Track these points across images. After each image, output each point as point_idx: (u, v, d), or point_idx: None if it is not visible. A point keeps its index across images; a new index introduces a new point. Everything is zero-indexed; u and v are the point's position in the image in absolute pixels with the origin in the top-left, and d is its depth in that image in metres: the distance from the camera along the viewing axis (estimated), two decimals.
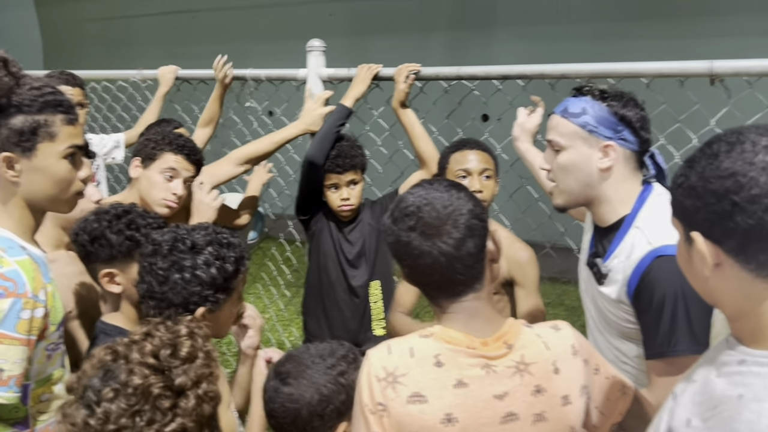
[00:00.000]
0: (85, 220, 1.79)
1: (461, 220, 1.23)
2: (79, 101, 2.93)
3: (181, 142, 2.26)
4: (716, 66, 1.97)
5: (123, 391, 1.05)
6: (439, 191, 1.26)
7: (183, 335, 1.15)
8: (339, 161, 2.50)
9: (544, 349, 1.28)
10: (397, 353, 1.25)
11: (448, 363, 1.23)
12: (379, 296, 2.62)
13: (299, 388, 1.46)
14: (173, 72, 3.15)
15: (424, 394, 1.21)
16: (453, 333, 1.26)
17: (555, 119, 1.70)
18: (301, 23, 7.72)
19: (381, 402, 1.22)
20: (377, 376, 1.23)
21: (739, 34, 5.41)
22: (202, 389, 1.11)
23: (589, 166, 1.64)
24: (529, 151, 2.24)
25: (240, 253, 1.55)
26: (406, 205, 1.26)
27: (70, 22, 9.94)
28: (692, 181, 0.99)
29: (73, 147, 1.50)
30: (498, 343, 1.26)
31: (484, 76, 2.38)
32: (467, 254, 1.22)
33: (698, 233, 0.98)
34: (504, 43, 6.96)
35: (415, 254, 1.23)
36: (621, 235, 1.64)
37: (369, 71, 2.59)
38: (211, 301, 1.49)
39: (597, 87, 1.66)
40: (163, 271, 1.48)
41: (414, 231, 1.23)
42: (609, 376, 1.39)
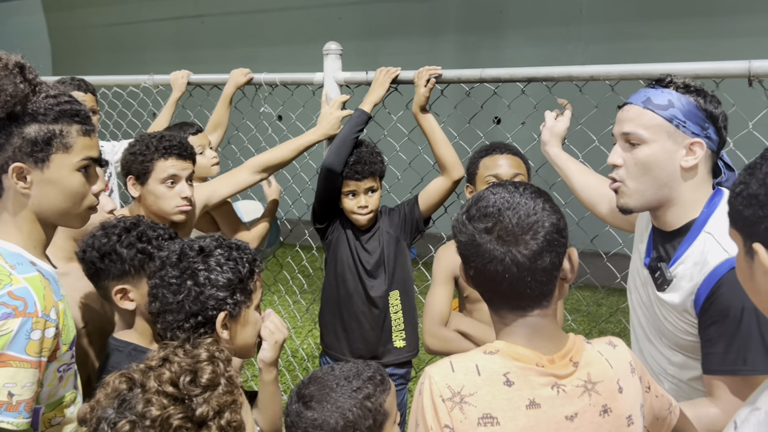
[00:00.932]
0: (93, 236, 1.73)
1: (542, 232, 1.14)
2: (91, 107, 2.87)
3: (166, 144, 2.19)
4: (755, 66, 1.88)
5: (140, 423, 0.98)
6: (524, 197, 1.18)
7: (203, 360, 1.07)
8: (358, 168, 2.42)
9: (608, 367, 1.22)
10: (461, 371, 1.18)
11: (519, 382, 1.16)
12: (399, 307, 2.54)
13: (323, 413, 1.39)
14: (185, 77, 3.09)
15: (496, 415, 1.14)
16: (520, 350, 1.18)
17: (634, 110, 1.57)
18: (310, 27, 7.67)
19: (447, 424, 1.14)
20: (442, 396, 1.16)
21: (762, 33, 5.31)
22: (225, 419, 1.03)
23: (672, 164, 1.54)
24: (560, 156, 2.15)
25: (252, 255, 1.49)
26: (486, 205, 1.18)
27: (79, 28, 9.94)
28: (753, 189, 0.92)
29: (87, 159, 1.44)
30: (564, 361, 1.19)
31: (509, 78, 2.30)
32: (542, 269, 1.15)
33: (760, 245, 0.91)
34: (514, 46, 6.89)
35: (487, 258, 1.15)
36: (689, 240, 1.55)
37: (388, 75, 2.51)
38: (230, 304, 1.42)
39: (680, 80, 1.56)
40: (176, 279, 1.42)
41: (490, 234, 1.16)
42: (659, 395, 1.34)
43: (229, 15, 8.61)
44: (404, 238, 2.55)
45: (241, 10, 8.46)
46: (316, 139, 2.58)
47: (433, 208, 2.53)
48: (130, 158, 2.20)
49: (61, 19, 10.18)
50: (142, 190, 2.21)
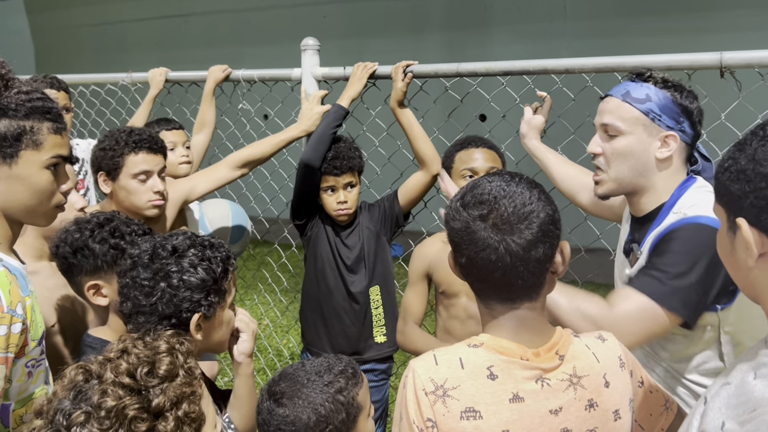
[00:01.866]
0: (66, 231, 1.71)
1: (537, 222, 1.12)
2: (64, 105, 2.85)
3: (135, 138, 2.17)
4: (726, 57, 1.89)
5: (95, 414, 0.97)
6: (520, 186, 1.16)
7: (162, 351, 1.06)
8: (336, 163, 2.42)
9: (594, 361, 1.21)
10: (445, 364, 1.17)
11: (502, 375, 1.15)
12: (380, 302, 2.54)
13: (295, 409, 1.38)
14: (163, 74, 3.08)
15: (479, 409, 1.13)
16: (505, 343, 1.18)
17: (614, 102, 1.64)
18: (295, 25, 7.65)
19: (430, 418, 1.14)
20: (425, 389, 1.15)
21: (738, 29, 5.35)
22: (183, 410, 1.02)
23: (646, 155, 1.60)
24: (539, 148, 2.17)
25: (225, 253, 1.46)
26: (482, 192, 1.16)
27: (62, 28, 9.87)
28: (741, 164, 0.93)
29: (57, 157, 1.42)
30: (550, 354, 1.18)
31: (486, 72, 2.30)
32: (535, 259, 1.13)
33: (744, 220, 0.93)
34: (500, 43, 6.90)
35: (480, 246, 1.13)
36: (659, 222, 1.60)
37: (365, 70, 2.51)
38: (205, 306, 1.39)
39: (658, 74, 1.62)
40: (149, 281, 1.38)
41: (485, 221, 1.14)
42: (654, 390, 1.33)
43: (214, 14, 8.57)
44: (384, 233, 2.55)
45: (225, 9, 8.42)
46: (297, 136, 2.57)
47: (412, 203, 2.53)
48: (99, 154, 2.18)
49: (44, 20, 10.11)
50: (113, 185, 2.18)
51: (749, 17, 5.62)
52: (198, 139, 2.91)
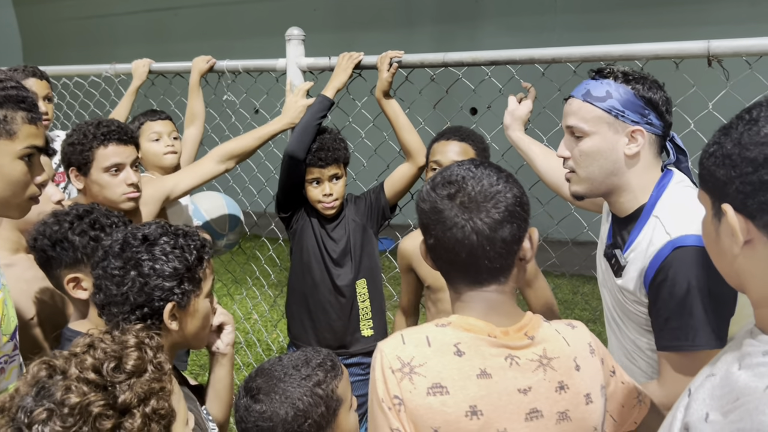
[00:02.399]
0: (44, 223, 1.67)
1: (504, 202, 1.15)
2: (46, 95, 2.80)
3: (104, 130, 2.12)
4: (714, 46, 1.87)
5: (58, 411, 0.93)
6: (488, 170, 1.19)
7: (130, 346, 1.03)
8: (321, 154, 2.39)
9: (565, 345, 1.21)
10: (412, 343, 1.17)
11: (470, 352, 1.15)
12: (367, 295, 2.52)
13: (272, 405, 1.35)
14: (147, 65, 3.04)
15: (446, 384, 1.13)
16: (472, 320, 1.18)
17: (576, 103, 1.60)
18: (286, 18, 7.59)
19: (397, 395, 1.13)
20: (392, 367, 1.15)
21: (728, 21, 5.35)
22: (151, 406, 0.99)
23: (615, 153, 1.56)
24: (522, 140, 2.14)
25: (200, 242, 1.43)
26: (450, 173, 1.20)
27: (50, 22, 9.78)
28: (727, 149, 0.91)
29: (31, 147, 1.39)
30: (519, 334, 1.18)
31: (471, 62, 2.27)
32: (501, 240, 1.14)
33: (729, 206, 0.91)
34: (490, 36, 6.89)
35: (447, 225, 1.15)
36: (640, 226, 1.57)
37: (350, 60, 2.48)
38: (178, 294, 1.36)
39: (618, 69, 1.58)
40: (119, 271, 1.35)
41: (452, 200, 1.16)
42: (625, 381, 1.32)
43: (204, 7, 8.51)
44: (371, 226, 2.53)
45: (215, 1, 8.37)
46: (281, 128, 2.54)
47: (399, 195, 2.50)
48: (69, 149, 2.13)
49: (32, 13, 10.01)
50: (85, 181, 2.14)
51: (738, 9, 5.61)
52: (190, 132, 2.87)
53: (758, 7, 5.54)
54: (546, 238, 2.92)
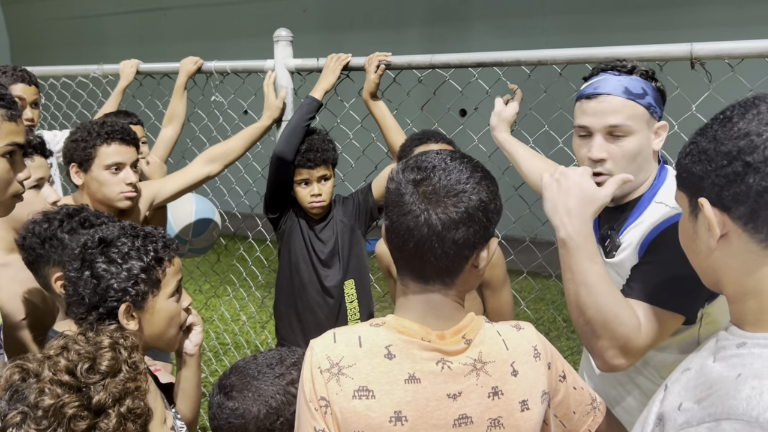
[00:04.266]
0: (33, 221, 1.68)
1: (466, 203, 1.09)
2: (34, 100, 2.80)
3: (108, 129, 2.15)
4: (697, 49, 1.90)
5: (32, 414, 0.93)
6: (463, 165, 1.13)
7: (104, 347, 1.03)
8: (310, 155, 2.39)
9: (503, 348, 1.17)
10: (343, 342, 1.15)
11: (400, 355, 1.12)
12: (355, 296, 2.52)
13: (244, 402, 1.35)
14: (134, 66, 3.03)
15: (372, 388, 1.10)
16: (407, 323, 1.15)
17: (617, 101, 1.52)
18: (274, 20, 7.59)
19: (324, 396, 1.11)
20: (320, 367, 1.13)
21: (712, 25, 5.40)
22: (126, 406, 0.99)
23: (648, 149, 1.56)
24: (508, 141, 2.15)
25: (162, 243, 1.43)
26: (424, 158, 1.14)
27: (38, 22, 9.72)
28: (703, 145, 0.94)
29: (12, 145, 1.38)
30: (456, 338, 1.15)
31: (459, 64, 2.29)
32: (452, 240, 1.09)
33: (706, 199, 0.93)
34: (480, 38, 6.91)
35: (404, 210, 1.11)
36: (639, 211, 1.57)
37: (338, 61, 2.49)
38: (132, 295, 1.36)
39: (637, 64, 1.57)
40: (75, 272, 1.37)
41: (416, 187, 1.11)
42: (578, 387, 1.27)
43: (192, 8, 8.49)
44: (359, 226, 2.53)
45: (204, 2, 8.35)
46: (266, 124, 2.56)
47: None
48: (72, 146, 2.16)
49: (20, 13, 9.95)
50: (85, 177, 2.17)
51: (723, 13, 5.67)
52: (165, 132, 2.87)
53: (742, 11, 5.60)
54: (533, 239, 2.94)
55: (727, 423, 0.82)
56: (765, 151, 0.87)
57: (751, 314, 0.92)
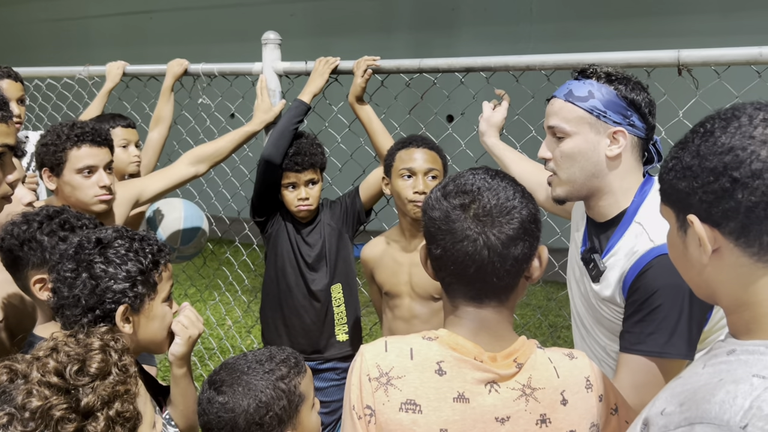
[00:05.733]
0: (13, 223, 1.65)
1: (519, 218, 1.09)
2: (20, 96, 2.78)
3: (78, 131, 2.11)
4: (684, 55, 1.92)
5: (19, 415, 0.92)
6: (504, 182, 1.13)
7: (95, 349, 1.02)
8: (298, 159, 2.38)
9: (554, 376, 1.15)
10: (394, 352, 1.13)
11: (451, 372, 1.10)
12: (342, 300, 2.51)
13: (234, 396, 1.35)
14: (121, 68, 3.02)
15: (420, 402, 1.09)
16: (461, 340, 1.12)
17: (558, 103, 1.58)
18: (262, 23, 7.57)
19: (370, 405, 1.10)
20: (369, 374, 1.11)
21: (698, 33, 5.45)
22: (115, 409, 0.98)
23: (596, 154, 1.54)
24: (497, 146, 2.15)
25: (157, 246, 1.42)
26: (465, 182, 1.13)
27: (23, 23, 9.65)
28: (686, 161, 0.92)
29: (2, 146, 1.37)
30: (507, 361, 1.12)
31: (447, 68, 2.29)
32: (513, 257, 1.08)
33: (695, 216, 0.91)
34: (466, 44, 6.94)
35: (458, 237, 1.08)
36: (621, 231, 1.55)
37: (327, 65, 2.48)
38: (130, 297, 1.35)
39: (602, 69, 1.56)
40: (71, 273, 1.34)
41: (466, 211, 1.09)
42: (630, 421, 1.24)
43: (179, 11, 8.46)
44: (346, 230, 2.53)
45: (191, 5, 8.32)
46: (255, 129, 2.54)
47: (374, 199, 2.51)
48: (42, 150, 2.12)
49: (4, 14, 9.86)
50: (58, 182, 2.13)
51: (709, 22, 5.73)
52: (152, 135, 2.85)
53: (728, 19, 5.67)
54: None
55: (700, 427, 0.82)
56: (752, 165, 0.86)
57: (743, 324, 0.92)
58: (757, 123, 0.88)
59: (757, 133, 0.87)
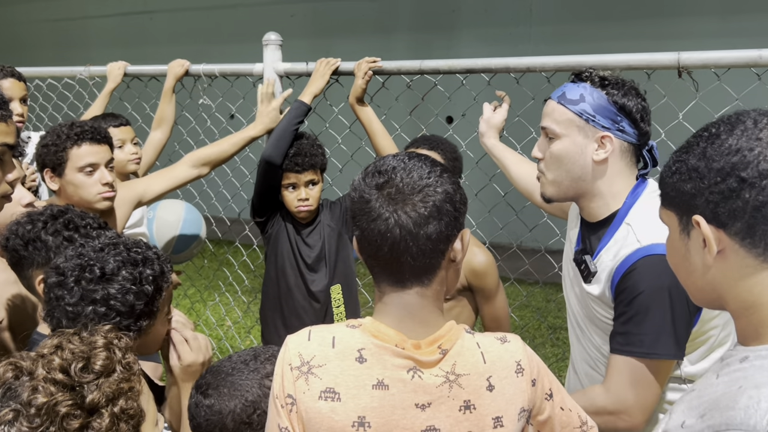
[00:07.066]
0: (17, 222, 1.66)
1: (433, 197, 1.08)
2: (23, 96, 2.78)
3: (77, 130, 2.12)
4: (684, 57, 1.92)
5: (25, 411, 0.92)
6: (421, 162, 1.13)
7: (99, 347, 1.02)
8: (298, 159, 2.39)
9: (480, 361, 1.14)
10: (317, 341, 1.13)
11: (372, 359, 1.10)
12: (341, 301, 2.52)
13: (220, 398, 1.34)
14: (122, 68, 3.02)
15: (339, 390, 1.09)
16: (383, 328, 1.12)
17: (551, 105, 1.61)
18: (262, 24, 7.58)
19: (291, 394, 1.10)
20: (291, 363, 1.12)
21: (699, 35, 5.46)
22: (119, 406, 0.98)
23: (583, 158, 1.56)
24: (497, 147, 2.16)
25: (160, 269, 1.39)
26: (382, 163, 1.14)
27: (24, 23, 9.65)
28: (692, 163, 0.93)
29: (2, 145, 1.37)
30: (432, 348, 1.12)
31: (448, 69, 2.30)
32: (425, 236, 1.07)
33: (701, 217, 0.92)
34: (466, 45, 6.95)
35: (372, 216, 1.09)
36: (611, 232, 1.56)
37: (328, 66, 2.49)
38: (134, 330, 1.34)
39: (597, 73, 1.58)
40: (72, 307, 1.31)
41: (380, 191, 1.10)
42: (566, 407, 1.24)
43: (179, 11, 8.46)
44: (346, 231, 2.53)
45: (191, 6, 8.32)
46: (257, 134, 2.54)
47: None
48: (43, 150, 2.12)
49: (4, 14, 9.86)
50: (60, 182, 2.13)
51: (709, 24, 5.74)
52: (155, 135, 2.86)
53: (728, 22, 5.67)
54: (519, 246, 2.95)
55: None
56: (759, 165, 0.87)
57: (752, 328, 0.92)
58: (763, 126, 0.90)
59: (763, 135, 0.89)
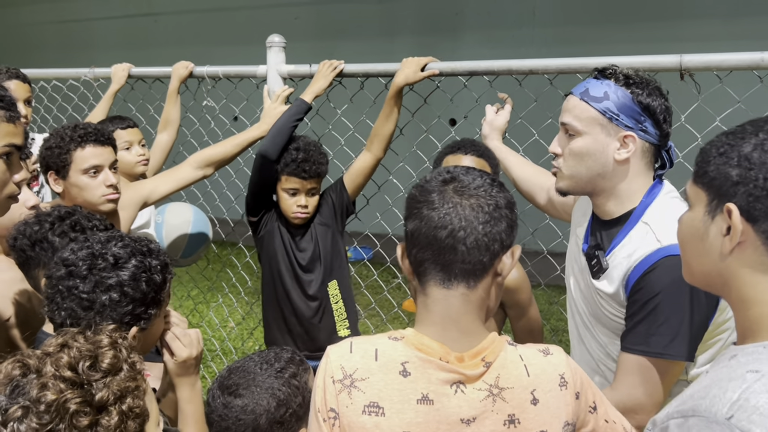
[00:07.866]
0: (25, 223, 1.68)
1: (497, 198, 1.10)
2: (27, 98, 2.80)
3: (81, 132, 2.13)
4: (686, 60, 1.92)
5: (34, 408, 0.93)
6: (486, 177, 1.14)
7: (105, 345, 1.03)
8: (305, 166, 2.38)
9: (523, 374, 1.12)
10: (359, 353, 1.12)
11: (416, 373, 1.09)
12: (339, 296, 2.52)
13: (253, 398, 1.36)
14: (126, 70, 3.04)
15: (383, 405, 1.08)
16: (426, 340, 1.11)
17: (573, 101, 1.58)
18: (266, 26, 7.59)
19: (333, 408, 1.10)
20: (333, 376, 1.11)
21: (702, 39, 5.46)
22: (127, 404, 0.99)
23: (604, 156, 1.54)
24: (499, 149, 2.17)
25: (164, 260, 1.41)
26: (447, 170, 1.16)
27: (28, 25, 9.68)
28: (745, 151, 0.92)
29: (10, 146, 1.38)
30: (475, 360, 1.11)
31: (451, 72, 2.31)
32: (483, 231, 1.07)
33: (735, 206, 0.92)
34: (470, 48, 6.95)
35: (435, 205, 1.09)
36: (627, 230, 1.55)
37: (331, 68, 2.49)
38: (144, 319, 1.35)
39: (621, 71, 1.56)
40: (87, 294, 1.31)
41: (446, 185, 1.11)
42: (610, 420, 1.23)
43: (183, 13, 8.48)
44: (337, 227, 2.53)
45: (195, 8, 8.34)
46: (261, 135, 2.55)
47: (359, 188, 2.51)
48: (47, 153, 2.13)
49: (8, 16, 9.90)
50: (64, 184, 2.14)
51: (712, 27, 5.73)
52: (161, 138, 2.87)
53: (731, 25, 5.67)
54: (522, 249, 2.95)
55: (692, 419, 0.85)
56: None
57: (748, 324, 0.94)
58: None
59: None
